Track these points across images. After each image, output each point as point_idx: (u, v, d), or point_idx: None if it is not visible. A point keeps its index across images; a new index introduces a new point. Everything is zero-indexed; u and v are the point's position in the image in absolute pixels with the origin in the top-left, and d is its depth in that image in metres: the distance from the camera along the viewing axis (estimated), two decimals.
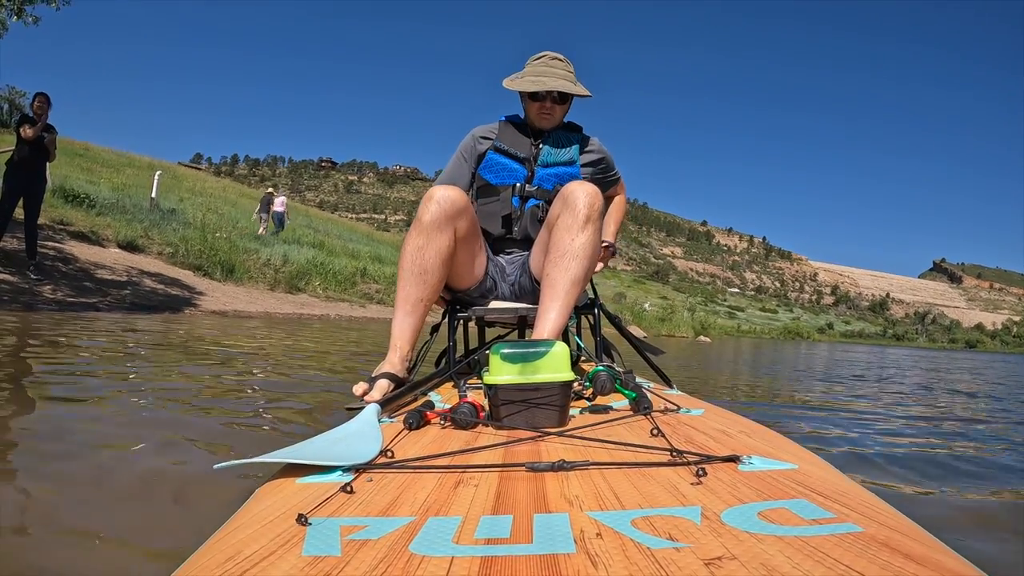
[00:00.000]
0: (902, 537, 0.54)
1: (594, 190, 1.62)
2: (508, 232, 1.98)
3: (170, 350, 4.22)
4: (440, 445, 0.96)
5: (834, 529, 0.55)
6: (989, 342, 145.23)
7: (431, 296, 1.63)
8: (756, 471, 0.74)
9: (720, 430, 1.03)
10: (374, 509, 0.65)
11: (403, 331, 1.60)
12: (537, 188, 1.95)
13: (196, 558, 0.59)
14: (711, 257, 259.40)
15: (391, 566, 0.50)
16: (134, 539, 1.23)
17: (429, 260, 1.60)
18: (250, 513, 0.71)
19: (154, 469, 1.65)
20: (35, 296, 7.12)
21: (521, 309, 1.89)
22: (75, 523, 1.28)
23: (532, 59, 2.02)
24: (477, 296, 1.94)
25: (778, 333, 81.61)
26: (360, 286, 16.38)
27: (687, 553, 0.51)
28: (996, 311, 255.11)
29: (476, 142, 2.04)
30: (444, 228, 1.60)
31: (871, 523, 0.57)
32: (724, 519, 0.58)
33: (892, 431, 2.66)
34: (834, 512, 0.59)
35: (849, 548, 0.50)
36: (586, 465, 0.77)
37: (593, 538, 0.55)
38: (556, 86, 1.91)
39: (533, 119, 2.00)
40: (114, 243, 11.50)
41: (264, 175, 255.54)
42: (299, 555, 0.53)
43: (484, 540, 0.56)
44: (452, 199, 1.61)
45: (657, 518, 0.59)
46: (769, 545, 0.51)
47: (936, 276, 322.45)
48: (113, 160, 24.30)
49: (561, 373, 1.08)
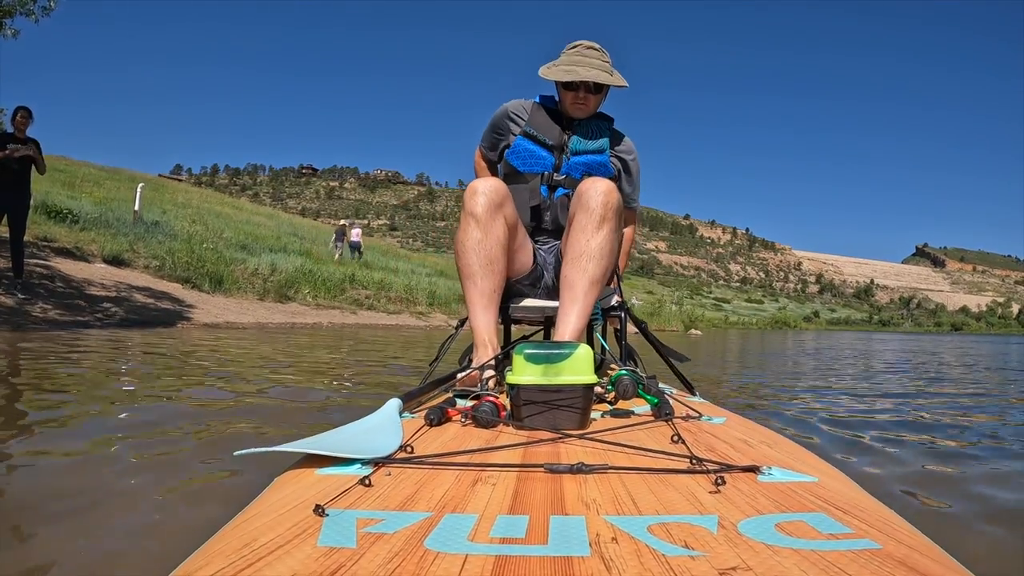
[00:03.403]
0: (920, 556, 0.54)
1: (609, 186, 1.60)
2: (539, 223, 1.97)
3: (169, 364, 4.17)
4: (460, 442, 0.97)
5: (851, 545, 0.54)
6: (974, 324, 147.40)
7: (501, 285, 1.66)
8: (775, 482, 0.73)
9: (741, 439, 1.03)
10: (391, 503, 0.66)
11: (488, 325, 1.61)
12: (566, 177, 1.94)
13: (211, 544, 0.59)
14: (695, 250, 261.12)
15: (405, 560, 0.50)
16: (148, 527, 1.26)
17: (492, 250, 1.62)
18: (267, 502, 0.71)
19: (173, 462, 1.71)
20: (24, 316, 7.02)
21: (547, 309, 1.89)
22: (88, 513, 1.32)
23: (568, 48, 1.97)
24: (528, 284, 1.95)
25: (766, 323, 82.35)
26: (349, 292, 16.31)
27: (702, 562, 0.50)
28: (980, 293, 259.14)
29: (507, 118, 2.02)
30: (496, 216, 1.63)
31: (889, 540, 0.56)
32: (741, 529, 0.57)
33: (916, 441, 2.63)
34: (852, 527, 0.59)
35: (866, 565, 0.50)
36: (605, 469, 0.77)
37: (608, 542, 0.55)
38: (589, 76, 1.88)
39: (567, 108, 1.97)
40: (100, 258, 11.35)
41: (245, 184, 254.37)
42: (314, 545, 0.54)
43: (499, 539, 0.56)
44: (496, 187, 1.64)
45: (674, 525, 0.59)
46: (785, 558, 0.51)
47: (919, 261, 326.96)
48: (93, 174, 24.07)
49: (584, 376, 1.08)
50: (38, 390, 2.91)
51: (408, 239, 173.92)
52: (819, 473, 0.81)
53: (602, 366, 2.07)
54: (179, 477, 1.62)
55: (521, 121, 2.00)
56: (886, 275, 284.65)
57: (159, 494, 1.48)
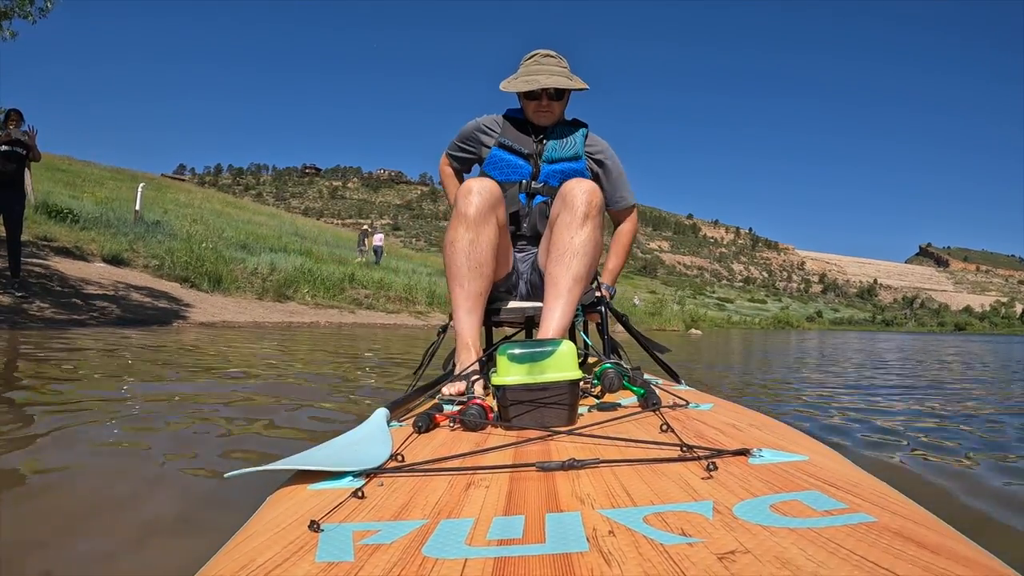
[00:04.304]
0: (915, 526, 0.54)
1: (592, 187, 1.63)
2: (517, 229, 2.00)
3: (162, 363, 4.18)
4: (450, 447, 0.96)
5: (847, 520, 0.55)
6: (977, 324, 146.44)
7: (488, 288, 1.65)
8: (767, 464, 0.74)
9: (729, 424, 1.03)
10: (386, 513, 0.66)
11: (471, 328, 1.61)
12: (544, 184, 1.97)
13: (210, 567, 0.59)
14: (698, 250, 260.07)
15: (404, 570, 0.50)
16: (148, 550, 1.22)
17: (483, 252, 1.60)
18: (262, 521, 0.71)
19: (163, 479, 1.64)
20: (21, 314, 7.06)
21: (528, 309, 1.89)
22: (82, 534, 1.27)
23: (524, 59, 2.02)
24: (503, 291, 1.95)
25: (768, 323, 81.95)
26: (348, 292, 16.32)
27: (700, 548, 0.51)
28: (983, 293, 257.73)
29: (479, 131, 2.06)
30: (489, 218, 1.62)
31: (884, 512, 0.57)
32: (736, 513, 0.58)
33: (903, 419, 2.63)
34: (846, 503, 0.59)
35: (862, 538, 0.51)
36: (596, 463, 0.77)
37: (606, 536, 0.55)
38: (549, 83, 1.91)
39: (531, 117, 2.01)
40: (99, 258, 11.39)
41: (248, 183, 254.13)
42: (312, 562, 0.53)
43: (497, 541, 0.56)
44: (490, 189, 1.63)
45: (669, 514, 0.59)
46: (782, 538, 0.52)
47: (923, 260, 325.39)
48: (95, 174, 24.14)
49: (569, 372, 1.09)
50: (23, 389, 2.93)
51: (411, 239, 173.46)
52: (810, 452, 0.81)
53: (586, 362, 2.08)
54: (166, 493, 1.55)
55: (494, 133, 2.03)
56: (889, 275, 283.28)
57: (146, 511, 1.42)
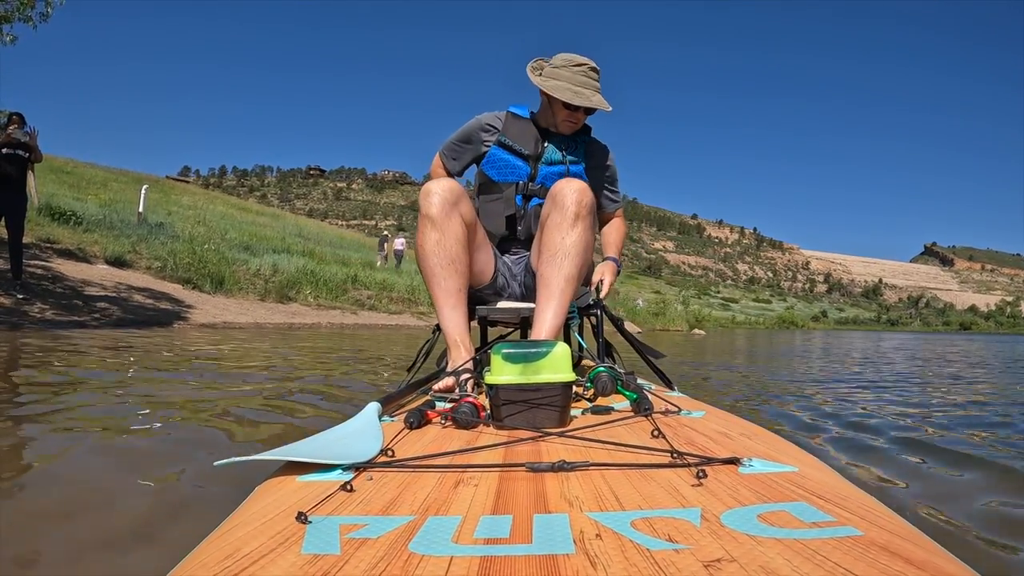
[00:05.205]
0: (902, 541, 0.54)
1: (582, 186, 1.61)
2: (512, 233, 1.97)
3: (161, 362, 4.19)
4: (440, 444, 0.97)
5: (834, 532, 0.55)
6: (983, 323, 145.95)
7: (466, 283, 1.65)
8: (756, 473, 0.74)
9: (721, 432, 1.03)
10: (374, 508, 0.66)
11: (457, 325, 1.61)
12: (540, 187, 1.93)
13: (194, 556, 0.59)
14: (703, 250, 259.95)
15: (390, 565, 0.51)
16: (132, 538, 1.23)
17: (452, 248, 1.60)
18: (249, 511, 0.71)
19: (154, 470, 1.66)
20: (22, 315, 7.09)
21: (523, 310, 1.88)
22: (72, 522, 1.28)
23: (571, 63, 1.91)
24: (491, 294, 1.93)
25: (773, 323, 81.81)
26: (351, 293, 16.34)
27: (686, 555, 0.51)
28: (989, 292, 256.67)
29: (481, 130, 2.02)
30: (452, 215, 1.61)
31: (871, 527, 0.57)
32: (724, 521, 0.58)
33: (896, 432, 2.60)
34: (834, 515, 0.59)
35: (848, 551, 0.50)
36: (586, 466, 0.77)
37: (593, 539, 0.55)
38: (599, 104, 1.88)
39: (556, 123, 1.96)
40: (101, 259, 11.43)
41: (253, 185, 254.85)
42: (298, 553, 0.54)
43: (484, 540, 0.56)
44: (450, 187, 1.63)
45: (657, 519, 0.59)
46: (768, 548, 0.51)
47: (928, 260, 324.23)
48: (99, 176, 24.19)
49: (562, 374, 1.08)
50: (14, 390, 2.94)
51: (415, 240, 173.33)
52: (799, 463, 0.81)
53: (579, 364, 2.07)
54: (156, 484, 1.57)
55: (495, 130, 2.00)
56: (894, 274, 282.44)
57: (137, 501, 1.43)
